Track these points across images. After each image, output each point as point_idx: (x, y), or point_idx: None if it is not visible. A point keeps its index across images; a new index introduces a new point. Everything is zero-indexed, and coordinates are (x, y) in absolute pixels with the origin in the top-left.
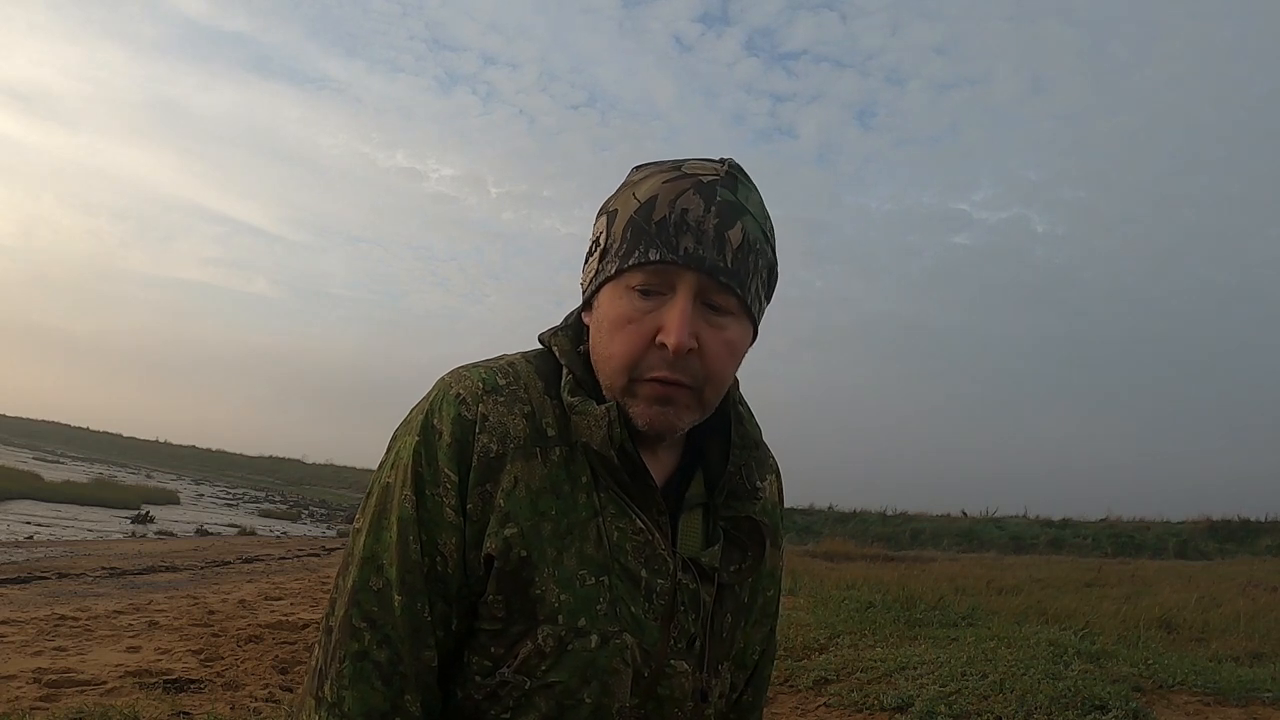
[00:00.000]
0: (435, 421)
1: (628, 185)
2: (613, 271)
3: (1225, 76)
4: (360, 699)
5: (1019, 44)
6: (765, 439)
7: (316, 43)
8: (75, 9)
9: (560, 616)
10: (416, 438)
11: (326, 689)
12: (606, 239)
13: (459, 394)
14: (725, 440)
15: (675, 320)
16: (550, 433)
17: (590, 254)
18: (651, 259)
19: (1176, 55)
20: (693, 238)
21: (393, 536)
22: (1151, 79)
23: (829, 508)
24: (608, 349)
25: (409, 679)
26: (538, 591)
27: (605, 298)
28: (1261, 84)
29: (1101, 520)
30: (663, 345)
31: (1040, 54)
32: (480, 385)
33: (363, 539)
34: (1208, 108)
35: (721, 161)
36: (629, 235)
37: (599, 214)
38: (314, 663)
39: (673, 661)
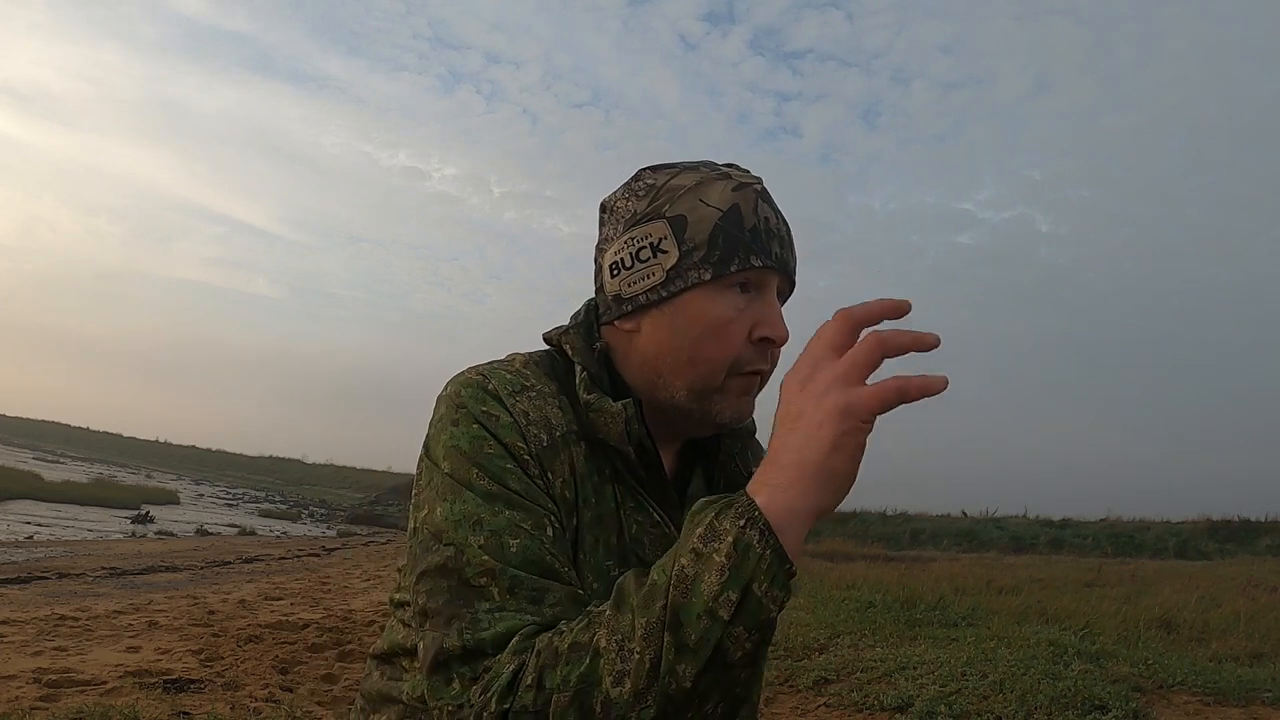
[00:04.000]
0: (485, 408)
1: (682, 190)
2: (709, 277)
3: (1231, 76)
4: (507, 622)
5: (1025, 43)
6: (763, 438)
7: (318, 42)
8: (75, 9)
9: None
10: (474, 424)
11: (465, 636)
12: (681, 245)
13: (495, 389)
14: (716, 435)
15: (777, 317)
16: (573, 428)
17: (641, 260)
18: (754, 265)
19: (1182, 55)
20: (778, 243)
21: (485, 500)
22: (1157, 78)
23: None
24: (701, 350)
25: (551, 591)
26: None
27: (695, 303)
28: (1267, 84)
29: (1101, 520)
30: (762, 340)
31: (1046, 53)
32: (509, 386)
33: (439, 510)
34: (1213, 107)
35: (745, 169)
36: (721, 242)
37: (648, 218)
38: (423, 654)
39: None
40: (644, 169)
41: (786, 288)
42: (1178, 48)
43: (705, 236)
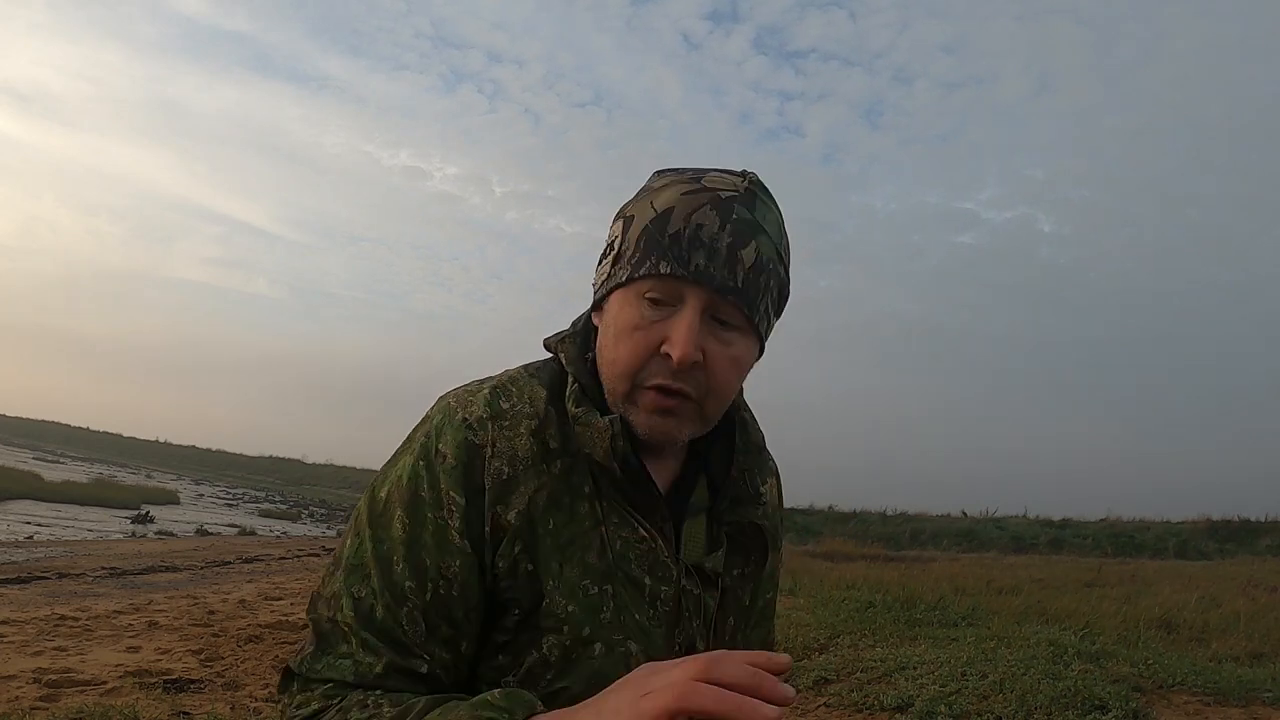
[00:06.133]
0: (440, 445)
1: (647, 192)
2: (624, 279)
3: (1233, 76)
4: (332, 668)
5: (1027, 43)
6: (766, 439)
7: (318, 41)
8: (75, 9)
9: (565, 626)
10: (420, 460)
11: (300, 663)
12: (621, 244)
13: (465, 419)
14: (729, 446)
15: (681, 333)
16: (553, 445)
17: (604, 256)
18: (662, 272)
19: (1184, 55)
20: (705, 254)
21: (384, 550)
22: (1158, 78)
23: (829, 508)
24: (613, 354)
25: (384, 674)
26: (545, 603)
27: (614, 303)
28: (1269, 84)
29: (1101, 520)
30: (667, 355)
31: (1048, 53)
32: (485, 411)
33: (349, 543)
34: (1215, 107)
35: (743, 175)
36: (642, 244)
37: (616, 217)
38: (299, 652)
39: None
40: (655, 171)
41: (729, 310)
42: (1180, 48)
43: (634, 237)
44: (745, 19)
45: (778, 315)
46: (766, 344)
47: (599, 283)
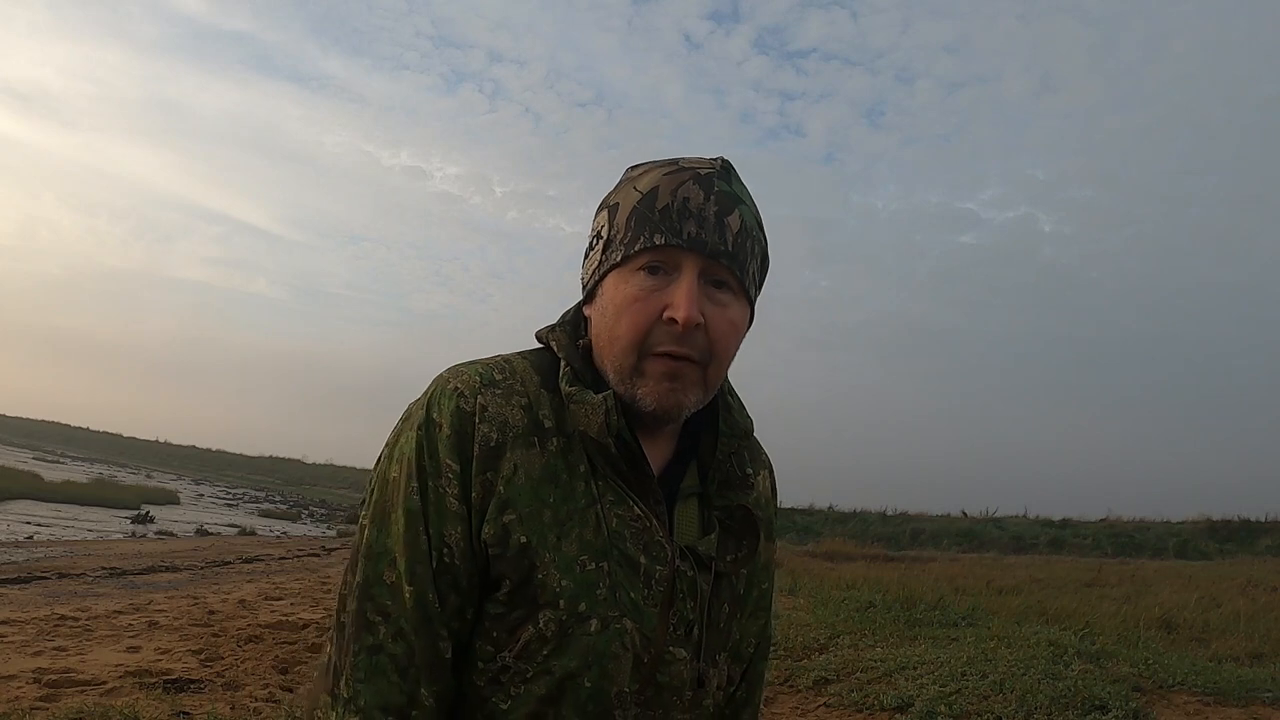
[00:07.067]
0: (435, 415)
1: (626, 181)
2: (619, 259)
3: (1235, 75)
4: (377, 693)
5: (1029, 42)
6: (764, 438)
7: (319, 41)
8: (75, 9)
9: (561, 601)
10: (418, 431)
11: (342, 685)
12: (609, 230)
13: (456, 388)
14: (717, 431)
15: (683, 296)
16: (547, 424)
17: (591, 247)
18: (656, 243)
19: (1187, 54)
20: (695, 223)
21: (400, 529)
22: (1161, 77)
23: (829, 508)
24: (614, 331)
25: (424, 671)
26: (540, 576)
27: (610, 285)
28: (1272, 83)
29: (1101, 520)
30: (670, 321)
31: (1050, 52)
32: (478, 379)
33: (369, 533)
34: (1218, 107)
35: (715, 159)
36: (633, 224)
37: (599, 209)
38: (327, 660)
39: (671, 648)
40: (628, 166)
41: (723, 273)
42: (1183, 47)
43: (623, 220)
44: (746, 18)
45: (762, 282)
46: (755, 313)
47: (589, 272)
